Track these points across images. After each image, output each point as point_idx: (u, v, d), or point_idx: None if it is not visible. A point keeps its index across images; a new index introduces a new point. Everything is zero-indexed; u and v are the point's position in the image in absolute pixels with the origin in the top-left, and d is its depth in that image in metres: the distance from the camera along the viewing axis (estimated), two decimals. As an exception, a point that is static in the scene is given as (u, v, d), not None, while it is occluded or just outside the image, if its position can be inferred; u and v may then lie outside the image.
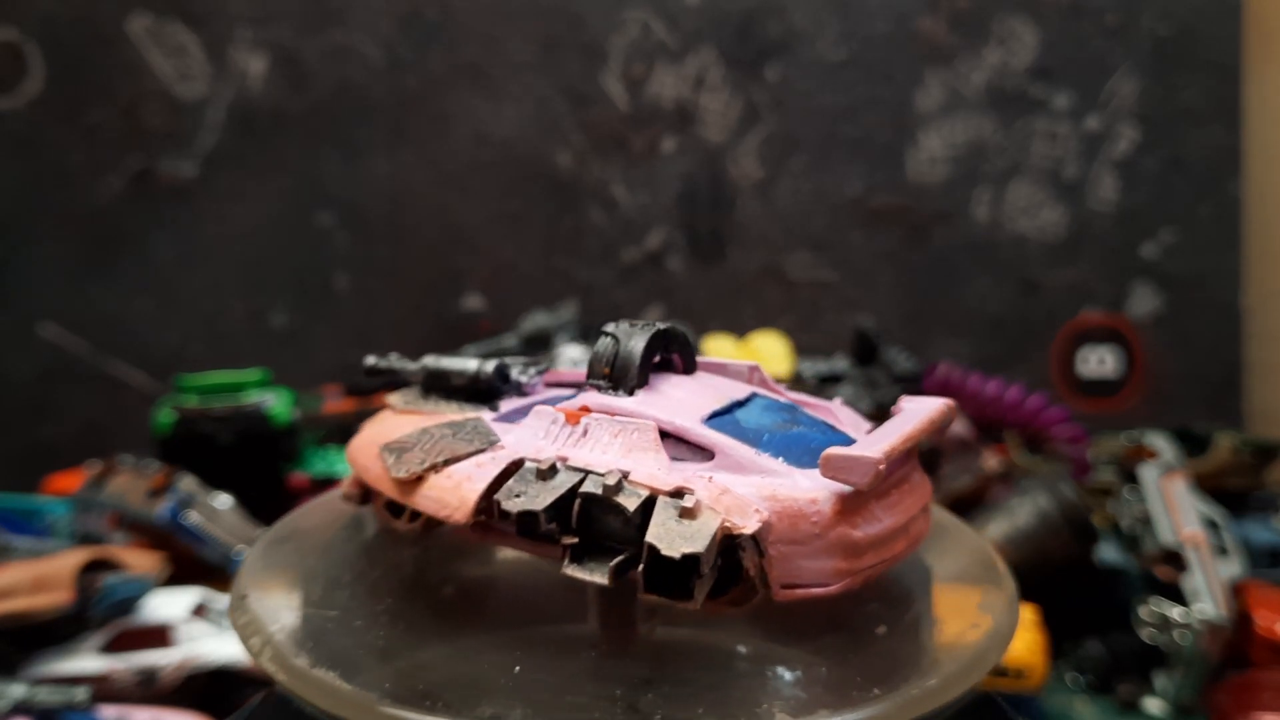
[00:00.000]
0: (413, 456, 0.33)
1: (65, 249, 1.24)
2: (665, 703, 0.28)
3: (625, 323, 0.36)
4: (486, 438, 0.34)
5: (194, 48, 1.24)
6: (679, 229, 1.29)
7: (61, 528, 0.85)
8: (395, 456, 0.34)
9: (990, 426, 1.00)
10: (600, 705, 0.28)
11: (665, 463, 0.31)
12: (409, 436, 0.35)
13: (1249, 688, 0.69)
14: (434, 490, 0.32)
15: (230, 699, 0.67)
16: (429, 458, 0.33)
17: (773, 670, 0.31)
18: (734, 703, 0.28)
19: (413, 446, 0.34)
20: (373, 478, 0.35)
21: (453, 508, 0.31)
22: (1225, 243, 1.28)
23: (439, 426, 0.35)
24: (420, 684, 0.29)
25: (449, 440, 0.34)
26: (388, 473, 0.34)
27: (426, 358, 0.39)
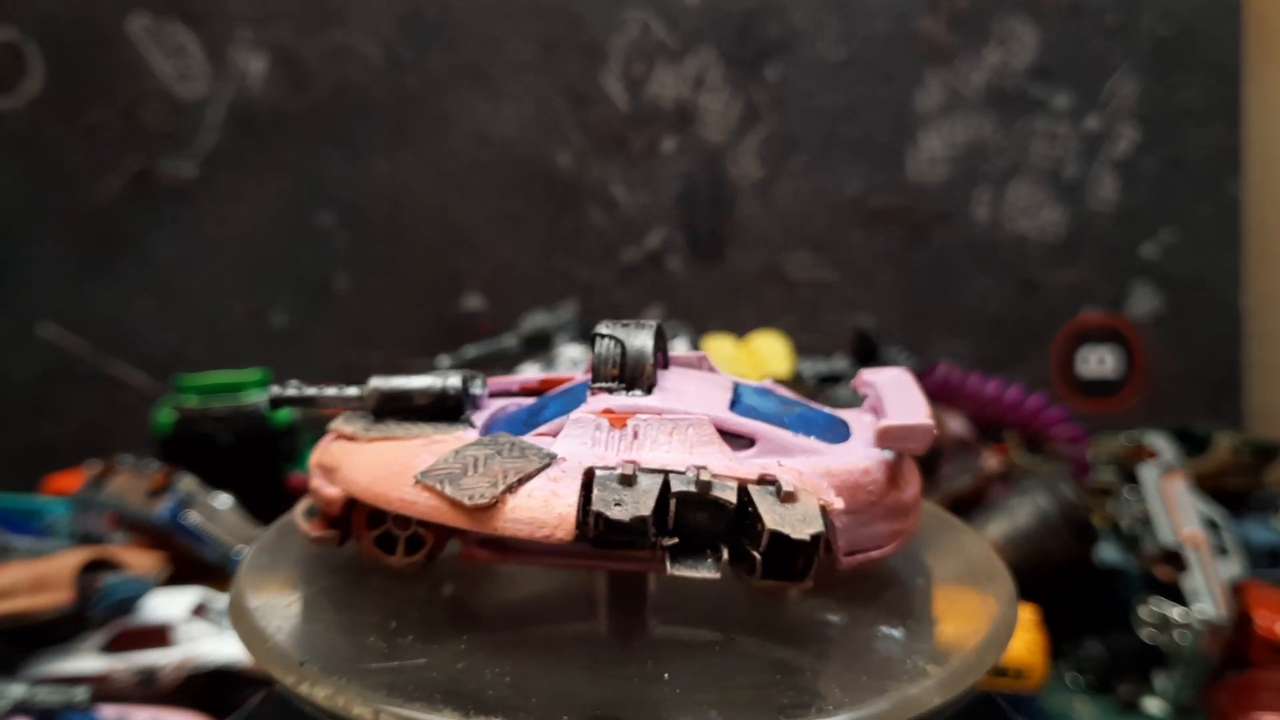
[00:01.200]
0: (475, 481, 0.31)
1: (65, 249, 1.24)
2: (665, 702, 0.28)
3: (616, 323, 0.36)
4: (541, 452, 0.32)
5: (194, 47, 1.24)
6: (679, 229, 1.29)
7: (61, 528, 0.85)
8: (452, 485, 0.31)
9: (990, 426, 1.00)
10: (600, 705, 0.28)
11: (731, 454, 0.32)
12: (446, 463, 0.32)
13: (1249, 688, 0.69)
14: (519, 512, 0.30)
15: (230, 699, 0.67)
16: (498, 480, 0.31)
17: (772, 670, 0.31)
18: (733, 702, 0.28)
19: (464, 471, 0.31)
20: (422, 510, 0.31)
21: (551, 526, 0.30)
22: (1225, 243, 1.28)
23: (472, 447, 0.32)
24: (420, 683, 0.29)
25: (502, 459, 0.32)
26: (447, 503, 0.30)
27: (373, 379, 0.36)
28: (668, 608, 0.35)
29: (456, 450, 0.32)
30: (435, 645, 0.31)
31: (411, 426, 0.35)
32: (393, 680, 0.29)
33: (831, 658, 0.31)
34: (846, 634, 0.33)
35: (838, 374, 0.96)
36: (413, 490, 0.31)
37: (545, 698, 0.28)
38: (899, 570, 0.38)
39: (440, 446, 0.33)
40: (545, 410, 0.35)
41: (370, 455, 0.34)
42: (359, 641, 0.31)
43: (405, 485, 0.32)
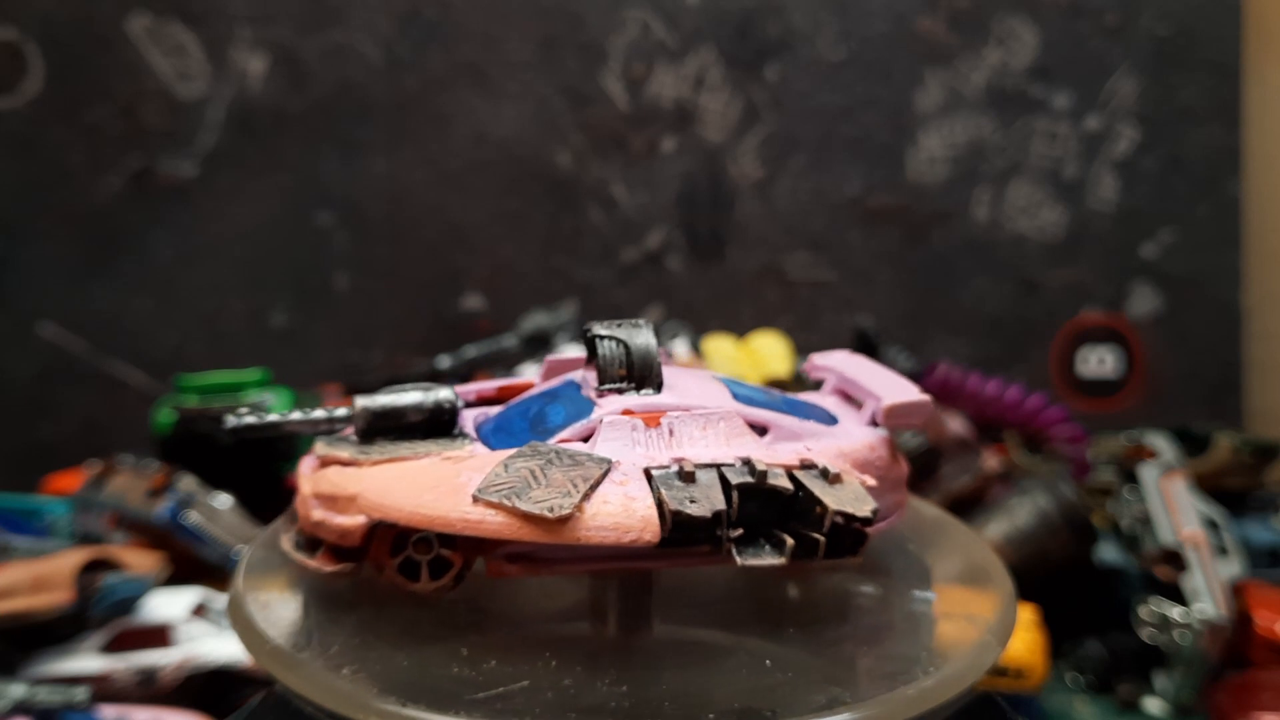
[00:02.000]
0: (545, 493, 0.30)
1: (65, 249, 1.24)
2: (665, 702, 0.28)
3: (609, 324, 0.36)
4: (595, 458, 0.31)
5: (193, 47, 1.24)
6: (678, 229, 1.29)
7: (61, 527, 0.85)
8: (522, 499, 0.29)
9: (990, 426, 1.00)
10: (600, 705, 0.28)
11: (763, 443, 0.33)
12: (500, 477, 0.30)
13: (1249, 688, 0.69)
14: (601, 519, 0.29)
15: (230, 699, 0.67)
16: (570, 489, 0.30)
17: (772, 670, 0.31)
18: (733, 702, 0.28)
19: (527, 484, 0.30)
20: (491, 528, 0.29)
21: (637, 529, 0.29)
22: (1225, 243, 1.28)
23: (519, 459, 0.31)
24: (420, 683, 0.29)
25: (560, 469, 0.31)
26: (520, 518, 0.29)
27: (358, 399, 0.34)
28: (669, 608, 0.35)
29: (504, 464, 0.31)
30: (435, 645, 0.31)
31: (414, 444, 0.33)
32: (392, 680, 0.29)
33: (831, 657, 0.31)
34: (846, 634, 0.33)
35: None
36: (476, 509, 0.29)
37: (546, 698, 0.28)
38: (898, 570, 0.38)
39: (468, 462, 0.31)
40: (549, 416, 0.34)
41: (400, 477, 0.31)
42: (358, 640, 0.31)
43: (464, 504, 0.30)
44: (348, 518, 0.31)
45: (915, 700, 0.29)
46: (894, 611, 0.35)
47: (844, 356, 0.43)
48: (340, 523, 0.32)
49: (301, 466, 0.35)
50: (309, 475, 0.33)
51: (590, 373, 0.36)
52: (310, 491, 0.33)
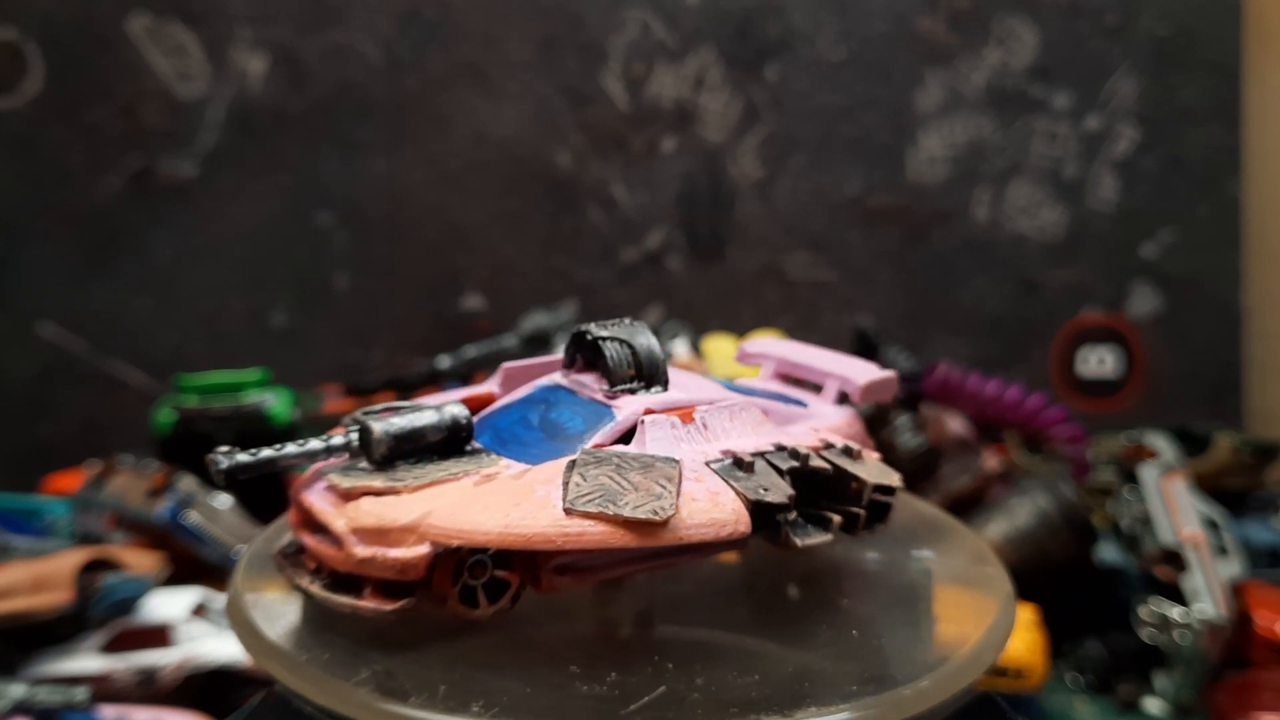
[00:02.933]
0: (638, 498, 0.29)
1: (65, 249, 1.24)
2: (664, 702, 0.28)
3: (603, 325, 0.36)
4: (662, 457, 0.31)
5: (193, 47, 1.24)
6: (678, 229, 1.29)
7: (61, 527, 0.85)
8: (621, 506, 0.29)
9: (990, 426, 1.00)
10: (600, 704, 0.28)
11: (781, 428, 0.36)
12: (580, 488, 0.29)
13: (1249, 688, 0.69)
14: (697, 517, 0.29)
15: (230, 699, 0.67)
16: (661, 491, 0.30)
17: (771, 669, 0.31)
18: (732, 701, 0.28)
19: (615, 492, 0.30)
20: (594, 539, 0.29)
21: (731, 523, 0.30)
22: (1225, 243, 1.28)
23: (588, 468, 0.30)
24: (420, 682, 0.29)
25: (639, 472, 0.30)
26: (624, 525, 0.29)
27: (374, 424, 0.32)
28: (668, 608, 0.35)
29: (577, 473, 0.30)
30: (434, 645, 0.31)
31: (443, 465, 0.32)
32: (391, 680, 0.29)
33: (830, 657, 0.31)
34: (845, 633, 0.33)
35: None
36: (574, 521, 0.29)
37: (546, 698, 0.28)
38: (898, 570, 0.38)
39: (531, 476, 0.30)
40: (564, 422, 0.34)
41: (468, 499, 0.30)
42: (358, 641, 0.31)
43: (558, 518, 0.29)
44: (407, 550, 0.29)
45: (914, 699, 0.29)
46: (894, 611, 0.35)
47: (774, 342, 0.45)
48: (398, 556, 0.29)
49: (306, 503, 0.32)
50: (335, 511, 0.31)
51: (584, 375, 0.36)
52: (347, 528, 0.30)
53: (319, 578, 0.32)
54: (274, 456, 0.32)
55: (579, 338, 0.36)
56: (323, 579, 0.32)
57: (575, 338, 0.36)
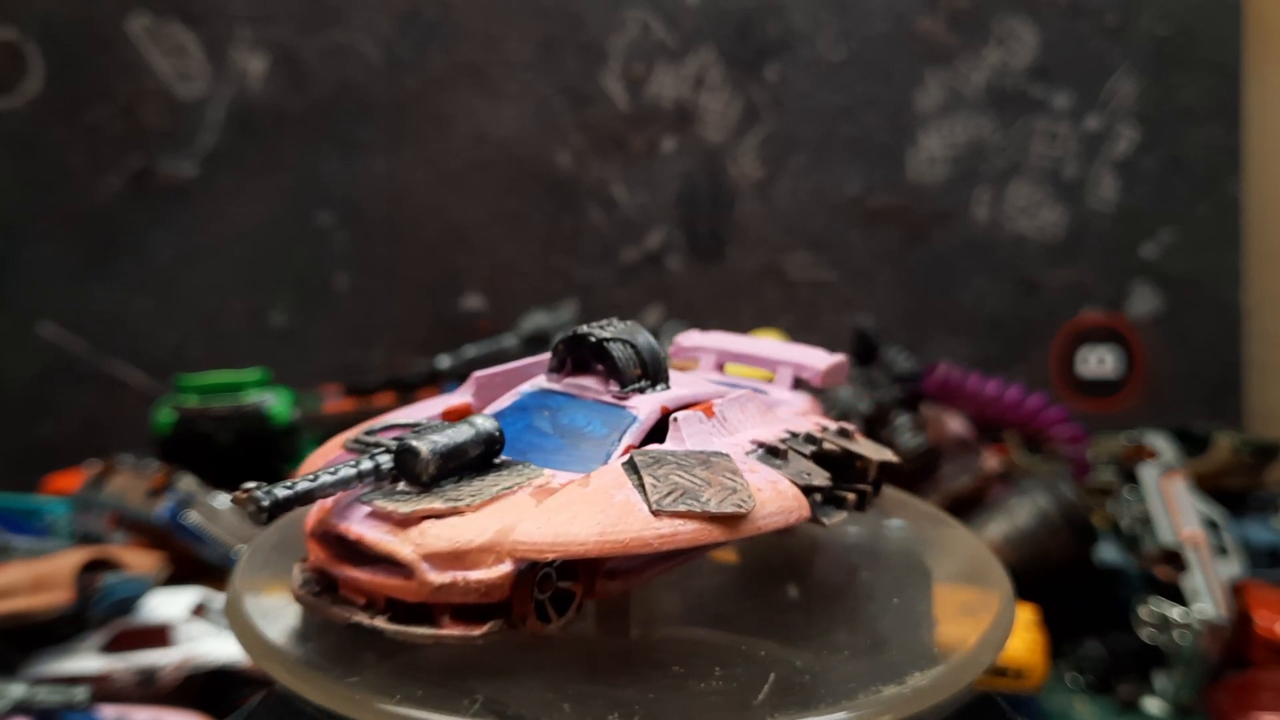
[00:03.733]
0: (716, 493, 0.30)
1: (65, 249, 1.24)
2: (664, 702, 0.28)
3: (599, 327, 0.36)
4: (715, 451, 0.32)
5: (193, 47, 1.24)
6: (678, 229, 1.29)
7: (61, 527, 0.85)
8: (706, 502, 0.29)
9: (990, 426, 1.00)
10: (599, 704, 0.28)
11: (780, 415, 0.37)
12: (657, 489, 0.29)
13: (1249, 688, 0.69)
14: (769, 507, 0.30)
15: (230, 699, 0.67)
16: (734, 484, 0.30)
17: (770, 669, 0.31)
18: (731, 701, 0.28)
19: (694, 489, 0.30)
20: (686, 538, 0.29)
21: (796, 509, 0.31)
22: (1225, 243, 1.28)
23: (649, 469, 0.30)
24: (419, 682, 0.29)
25: (704, 468, 0.31)
26: (712, 521, 0.29)
27: (417, 444, 0.30)
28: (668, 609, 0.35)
29: (648, 475, 0.30)
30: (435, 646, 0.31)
31: (492, 479, 0.30)
32: (391, 680, 0.29)
33: (829, 657, 0.31)
34: (844, 633, 0.33)
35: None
36: (665, 522, 0.28)
37: (545, 698, 0.28)
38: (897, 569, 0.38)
39: (597, 482, 0.30)
40: (584, 426, 0.33)
41: (549, 511, 0.29)
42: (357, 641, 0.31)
43: (648, 520, 0.28)
44: (488, 570, 0.28)
45: (914, 699, 0.29)
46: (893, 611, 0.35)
47: (705, 336, 0.47)
48: (481, 578, 0.28)
49: (352, 534, 0.29)
50: (397, 539, 0.29)
51: (583, 379, 0.36)
52: (417, 555, 0.28)
53: (375, 611, 0.29)
54: (311, 488, 0.29)
55: (577, 341, 0.36)
56: (378, 612, 0.29)
57: (572, 341, 0.36)
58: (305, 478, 0.29)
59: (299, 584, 0.31)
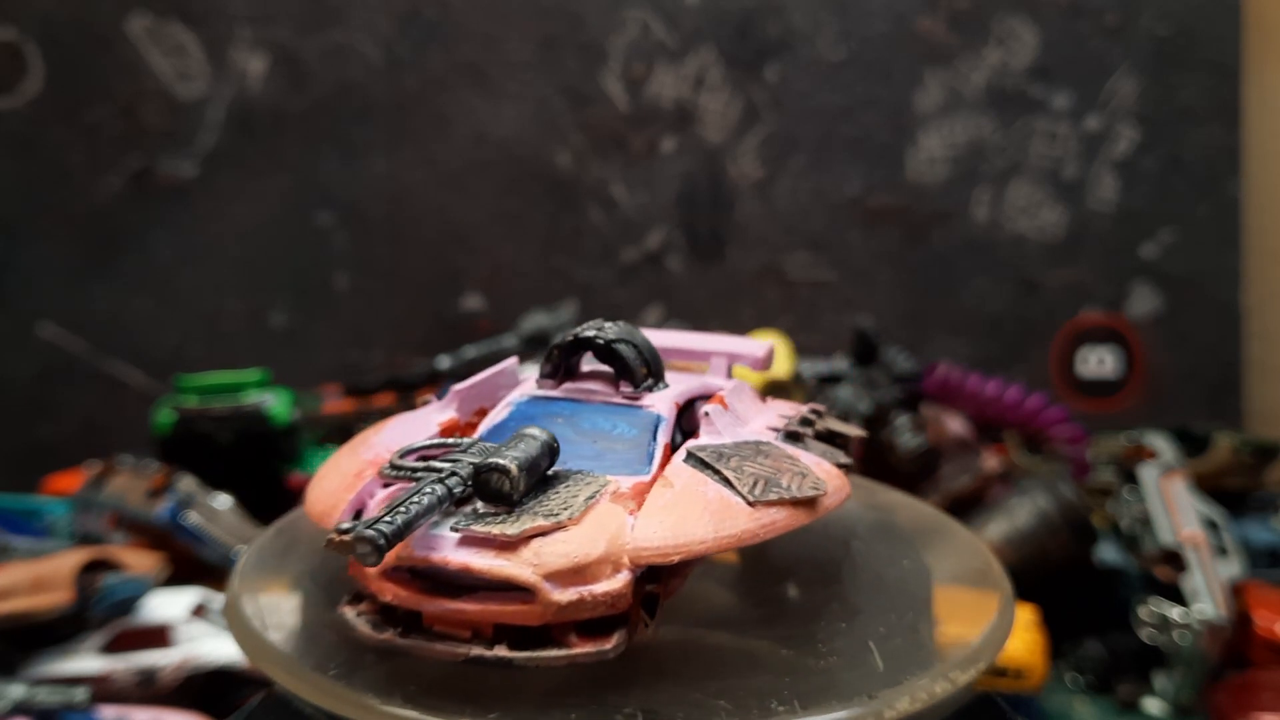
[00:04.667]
0: (790, 480, 0.30)
1: (64, 249, 1.24)
2: (663, 703, 0.28)
3: (598, 328, 0.35)
4: (751, 441, 0.33)
5: (193, 47, 1.24)
6: (678, 229, 1.29)
7: (61, 528, 0.85)
8: (784, 490, 0.30)
9: (990, 426, 1.00)
10: (599, 705, 0.28)
11: (766, 404, 0.39)
12: (742, 482, 0.30)
13: (1249, 688, 0.69)
14: (831, 488, 0.31)
15: (230, 699, 0.67)
16: (799, 469, 0.31)
17: (769, 669, 0.31)
18: (730, 701, 0.28)
19: (772, 478, 0.30)
20: (782, 525, 0.29)
21: (846, 489, 0.33)
22: (1225, 243, 1.28)
23: (719, 463, 0.31)
24: (419, 683, 0.29)
25: (761, 457, 0.32)
26: (801, 506, 0.30)
27: (507, 462, 0.29)
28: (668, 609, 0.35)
29: (725, 469, 0.30)
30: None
31: (570, 489, 0.30)
32: (390, 681, 0.29)
33: (828, 656, 0.31)
34: (843, 633, 0.33)
35: (837, 374, 0.96)
36: (765, 512, 0.29)
37: (544, 697, 0.28)
38: (897, 570, 0.38)
39: (680, 483, 0.30)
40: (613, 429, 0.33)
41: (653, 515, 0.29)
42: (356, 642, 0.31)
43: (750, 513, 0.29)
44: (610, 581, 0.28)
45: (912, 699, 0.29)
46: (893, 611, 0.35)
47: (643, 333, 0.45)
48: (606, 590, 0.28)
49: (455, 564, 0.28)
50: (511, 562, 0.27)
51: (587, 383, 0.36)
52: (538, 576, 0.27)
53: (484, 642, 0.28)
54: (410, 519, 0.27)
55: (580, 345, 0.36)
56: (491, 641, 0.28)
57: (573, 345, 0.36)
58: (396, 510, 0.27)
59: (368, 627, 0.29)
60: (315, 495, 0.32)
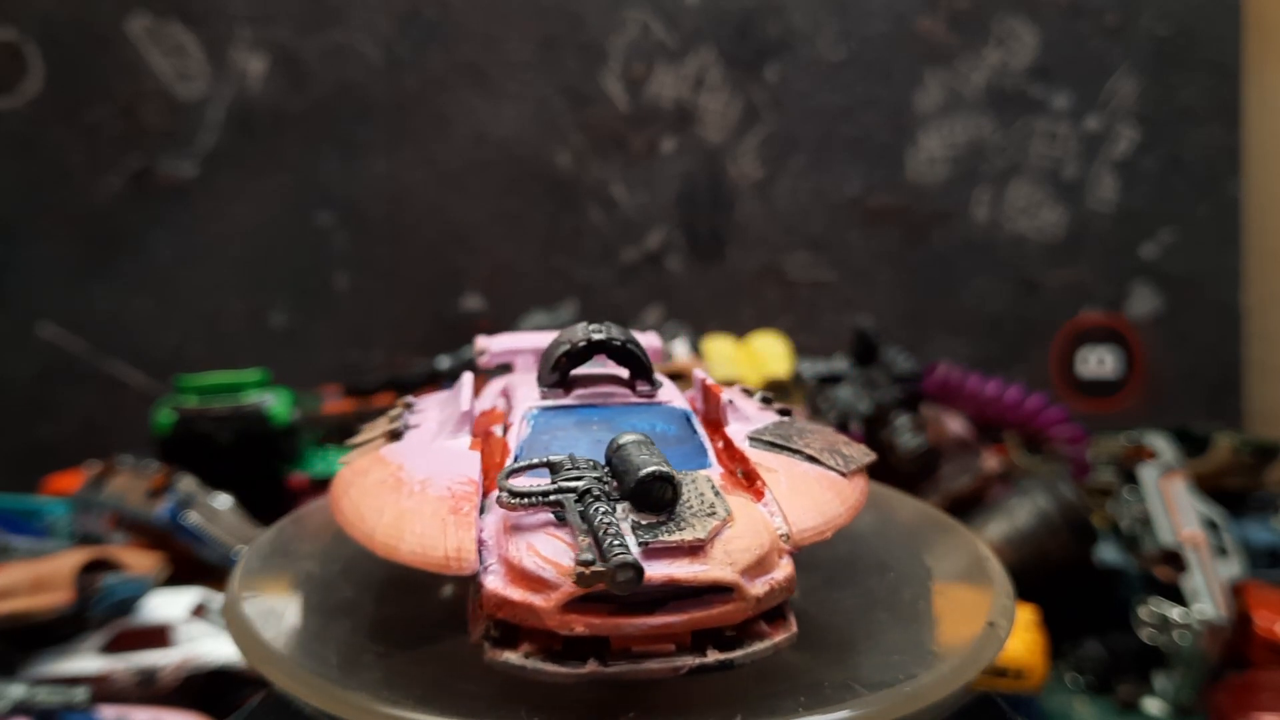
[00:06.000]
0: (847, 451, 0.34)
1: (65, 249, 1.24)
2: (663, 702, 0.28)
3: (601, 330, 0.35)
4: (787, 421, 0.35)
5: (193, 47, 1.24)
6: (678, 229, 1.29)
7: (61, 528, 0.85)
8: (851, 460, 0.33)
9: (990, 426, 1.00)
10: (599, 704, 0.28)
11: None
12: (826, 457, 0.32)
13: (1248, 688, 0.69)
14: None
15: (230, 699, 0.67)
16: (838, 440, 0.35)
17: (769, 668, 0.31)
18: (731, 700, 0.28)
19: (835, 449, 0.32)
20: (864, 491, 0.32)
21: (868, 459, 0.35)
22: (1225, 243, 1.28)
23: (792, 442, 0.32)
24: (418, 684, 0.29)
25: (808, 433, 0.34)
26: (866, 476, 0.34)
27: (670, 471, 0.28)
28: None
29: (803, 447, 0.33)
30: (433, 646, 0.31)
31: (691, 489, 0.29)
32: (390, 682, 0.29)
33: (828, 656, 0.31)
34: (843, 632, 0.33)
35: (837, 374, 0.96)
36: (861, 481, 0.33)
37: (544, 697, 0.28)
38: (897, 569, 0.38)
39: (775, 471, 0.32)
40: (651, 428, 0.33)
41: (792, 497, 0.30)
42: (356, 643, 0.31)
43: (854, 485, 0.32)
44: (781, 567, 0.28)
45: (910, 698, 0.29)
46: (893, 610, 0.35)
47: (506, 338, 0.45)
48: (784, 575, 0.28)
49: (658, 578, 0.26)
50: (708, 565, 0.27)
51: (603, 388, 0.35)
52: (737, 574, 0.27)
53: (693, 651, 0.27)
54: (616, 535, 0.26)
55: (595, 348, 0.34)
56: (696, 650, 0.27)
57: (586, 350, 0.34)
58: (604, 533, 0.26)
59: (555, 665, 0.27)
60: (414, 543, 0.29)
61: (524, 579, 0.27)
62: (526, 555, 0.26)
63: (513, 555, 0.27)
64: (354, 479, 0.32)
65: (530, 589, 0.26)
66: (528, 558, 0.26)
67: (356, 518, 0.30)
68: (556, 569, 0.26)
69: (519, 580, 0.27)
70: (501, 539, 0.28)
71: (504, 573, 0.27)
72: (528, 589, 0.26)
